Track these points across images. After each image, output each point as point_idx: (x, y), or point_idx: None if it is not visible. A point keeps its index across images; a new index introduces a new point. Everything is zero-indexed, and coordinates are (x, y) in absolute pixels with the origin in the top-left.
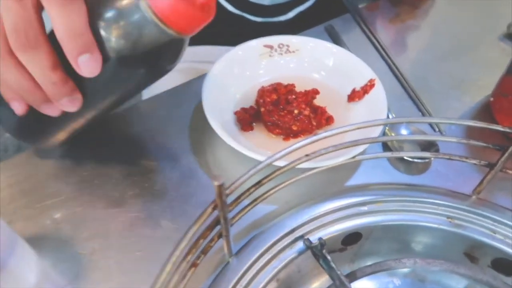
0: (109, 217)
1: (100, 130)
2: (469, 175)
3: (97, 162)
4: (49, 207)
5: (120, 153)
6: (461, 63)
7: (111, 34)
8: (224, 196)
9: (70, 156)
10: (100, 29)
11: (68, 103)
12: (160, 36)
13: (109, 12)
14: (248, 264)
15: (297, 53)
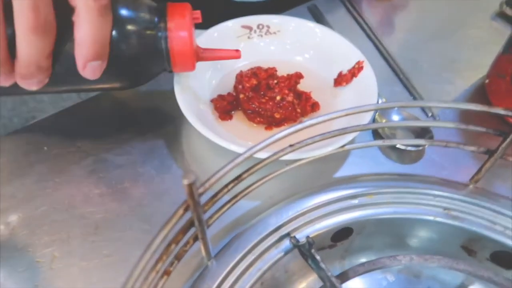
0: (71, 220)
1: (61, 120)
2: (465, 163)
3: (57, 158)
4: (2, 210)
5: (83, 147)
6: (452, 43)
7: (121, 49)
8: (197, 195)
9: (26, 151)
10: (115, 42)
11: (33, 84)
12: (157, 65)
13: (129, 31)
14: (230, 267)
15: (278, 35)
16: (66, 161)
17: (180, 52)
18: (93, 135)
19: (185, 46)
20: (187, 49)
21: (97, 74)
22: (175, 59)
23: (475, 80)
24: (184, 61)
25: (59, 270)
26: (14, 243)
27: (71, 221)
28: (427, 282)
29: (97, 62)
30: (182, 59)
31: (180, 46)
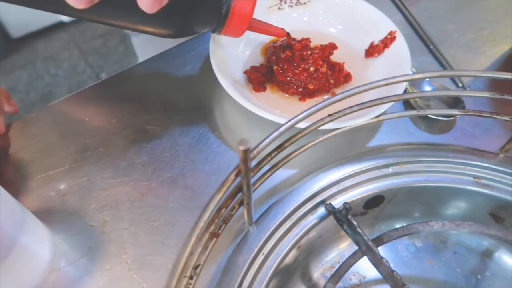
0: (118, 187)
1: (100, 92)
2: (496, 132)
3: (99, 128)
4: (52, 178)
5: (122, 118)
6: (482, 10)
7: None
8: (249, 161)
9: (68, 121)
10: None
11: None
12: (211, 20)
13: None
14: (269, 233)
15: (308, 5)
16: (108, 132)
17: (240, 15)
18: (131, 107)
19: (247, 10)
20: (247, 13)
21: (154, 8)
22: (233, 20)
23: (507, 49)
24: (239, 25)
25: (110, 233)
26: (66, 209)
27: (117, 188)
28: (453, 247)
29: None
30: (239, 22)
31: (243, 9)
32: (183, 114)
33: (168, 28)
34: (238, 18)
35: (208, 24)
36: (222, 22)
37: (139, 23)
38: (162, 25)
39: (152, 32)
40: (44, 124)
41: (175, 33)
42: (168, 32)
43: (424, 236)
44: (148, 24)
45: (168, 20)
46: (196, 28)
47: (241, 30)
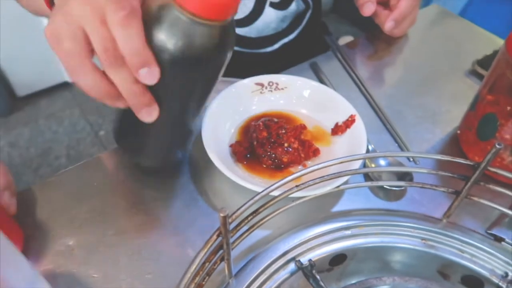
0: (119, 243)
1: (106, 161)
2: (440, 201)
3: (105, 192)
4: (63, 235)
5: (126, 184)
6: (432, 96)
7: (162, 45)
8: (228, 224)
9: (82, 187)
10: (154, 42)
11: (147, 113)
12: (198, 28)
13: (155, 25)
14: (246, 285)
15: (285, 90)
16: (113, 195)
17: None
18: (133, 175)
19: None
20: None
21: (153, 79)
22: (189, 4)
23: (451, 130)
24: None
25: (110, 283)
26: (73, 261)
27: (119, 244)
28: None
29: (145, 70)
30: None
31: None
32: (177, 180)
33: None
34: None
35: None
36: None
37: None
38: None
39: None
40: (58, 188)
41: (214, 72)
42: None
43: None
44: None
45: (193, 73)
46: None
47: None
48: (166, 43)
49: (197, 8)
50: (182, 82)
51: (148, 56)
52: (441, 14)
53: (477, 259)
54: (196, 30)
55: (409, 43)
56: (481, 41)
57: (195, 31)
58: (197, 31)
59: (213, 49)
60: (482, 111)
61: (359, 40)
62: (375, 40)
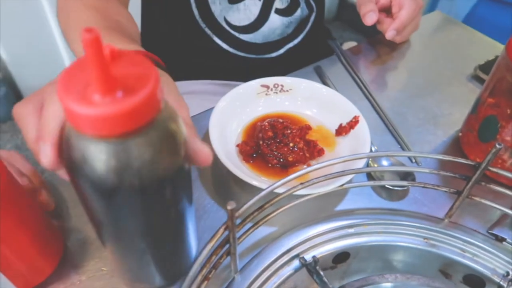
0: None
1: None
2: (442, 201)
3: None
4: (73, 229)
5: None
6: (435, 100)
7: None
8: (235, 218)
9: None
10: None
11: None
12: (103, 149)
13: (74, 165)
14: (251, 280)
15: (290, 92)
16: None
17: None
18: None
19: None
20: None
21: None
22: (76, 123)
23: (452, 133)
24: (78, 115)
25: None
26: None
27: None
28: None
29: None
30: (75, 116)
31: None
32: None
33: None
34: None
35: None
36: None
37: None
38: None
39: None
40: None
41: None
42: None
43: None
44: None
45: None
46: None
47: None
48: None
49: (81, 125)
50: (119, 210)
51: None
52: (444, 21)
53: (479, 258)
54: (99, 149)
55: (411, 48)
56: (483, 46)
57: (95, 150)
58: (100, 150)
59: (119, 168)
60: (483, 113)
61: (362, 45)
62: (378, 45)
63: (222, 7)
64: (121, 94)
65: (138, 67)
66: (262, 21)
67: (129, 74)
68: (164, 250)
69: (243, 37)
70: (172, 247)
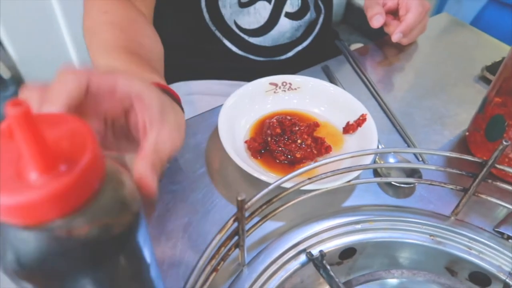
0: None
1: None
2: (449, 199)
3: None
4: None
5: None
6: (442, 100)
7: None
8: (244, 210)
9: None
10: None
11: None
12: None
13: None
14: (258, 273)
15: (298, 90)
16: None
17: None
18: None
19: None
20: None
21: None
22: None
23: (459, 132)
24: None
25: None
26: None
27: None
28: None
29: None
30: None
31: None
32: (193, 174)
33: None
34: None
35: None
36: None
37: None
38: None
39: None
40: None
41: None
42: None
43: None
44: None
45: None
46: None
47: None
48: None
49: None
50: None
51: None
52: (451, 22)
53: (485, 256)
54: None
55: (419, 49)
56: (490, 48)
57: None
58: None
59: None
60: (490, 113)
61: (369, 46)
62: (385, 46)
63: (232, 10)
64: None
65: (71, 139)
66: (271, 24)
67: (61, 150)
68: None
69: (253, 40)
70: None
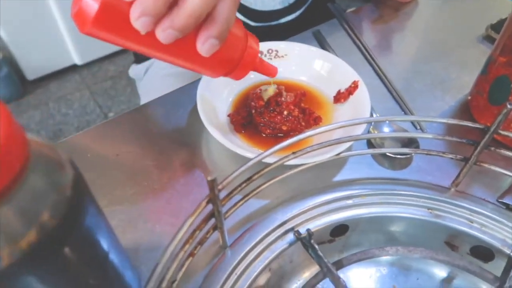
0: (112, 214)
1: (103, 132)
2: (448, 169)
3: (101, 164)
4: None
5: (122, 154)
6: (442, 63)
7: None
8: (217, 190)
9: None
10: None
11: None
12: None
13: None
14: (242, 255)
15: (285, 58)
16: (106, 167)
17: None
18: (130, 144)
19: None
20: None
21: (209, 53)
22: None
23: (461, 97)
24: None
25: None
26: None
27: (111, 215)
28: (416, 274)
29: (215, 41)
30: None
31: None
32: (173, 150)
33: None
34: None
35: None
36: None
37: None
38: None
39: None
40: None
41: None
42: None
43: (390, 263)
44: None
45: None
46: None
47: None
48: None
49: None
50: None
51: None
52: None
53: (487, 229)
54: None
55: (418, 8)
56: (495, 6)
57: None
58: None
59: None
60: (494, 73)
61: (365, 6)
62: (382, 5)
63: None
64: None
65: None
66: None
67: None
68: None
69: (242, 1)
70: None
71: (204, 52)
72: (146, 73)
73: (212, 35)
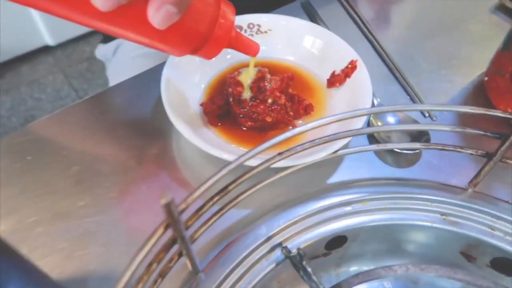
0: (57, 232)
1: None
2: (464, 166)
3: (42, 167)
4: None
5: (68, 156)
6: (450, 39)
7: None
8: (176, 214)
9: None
10: None
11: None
12: None
13: None
14: (219, 281)
15: (269, 34)
16: (51, 171)
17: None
18: (79, 143)
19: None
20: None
21: (165, 24)
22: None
23: (474, 77)
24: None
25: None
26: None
27: (55, 233)
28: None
29: (172, 8)
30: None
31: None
32: (134, 148)
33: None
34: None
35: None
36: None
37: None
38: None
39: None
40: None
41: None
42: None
43: (394, 277)
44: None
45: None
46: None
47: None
48: None
49: None
50: None
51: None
52: None
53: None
54: None
55: None
56: None
57: None
58: None
59: None
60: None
61: None
62: None
63: None
64: None
65: None
66: None
67: None
68: None
69: None
70: None
71: (158, 23)
72: (115, 54)
73: (167, 0)
